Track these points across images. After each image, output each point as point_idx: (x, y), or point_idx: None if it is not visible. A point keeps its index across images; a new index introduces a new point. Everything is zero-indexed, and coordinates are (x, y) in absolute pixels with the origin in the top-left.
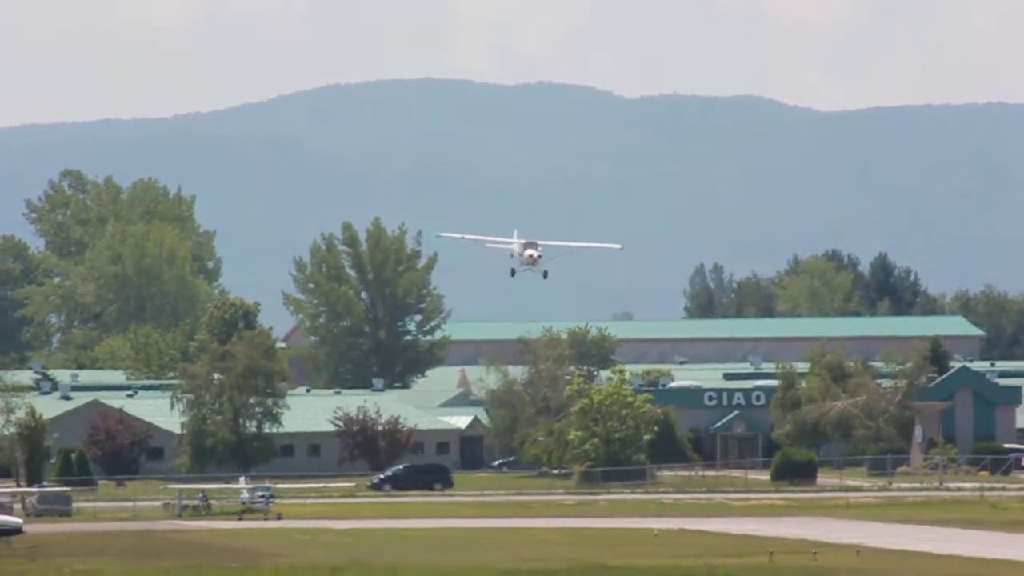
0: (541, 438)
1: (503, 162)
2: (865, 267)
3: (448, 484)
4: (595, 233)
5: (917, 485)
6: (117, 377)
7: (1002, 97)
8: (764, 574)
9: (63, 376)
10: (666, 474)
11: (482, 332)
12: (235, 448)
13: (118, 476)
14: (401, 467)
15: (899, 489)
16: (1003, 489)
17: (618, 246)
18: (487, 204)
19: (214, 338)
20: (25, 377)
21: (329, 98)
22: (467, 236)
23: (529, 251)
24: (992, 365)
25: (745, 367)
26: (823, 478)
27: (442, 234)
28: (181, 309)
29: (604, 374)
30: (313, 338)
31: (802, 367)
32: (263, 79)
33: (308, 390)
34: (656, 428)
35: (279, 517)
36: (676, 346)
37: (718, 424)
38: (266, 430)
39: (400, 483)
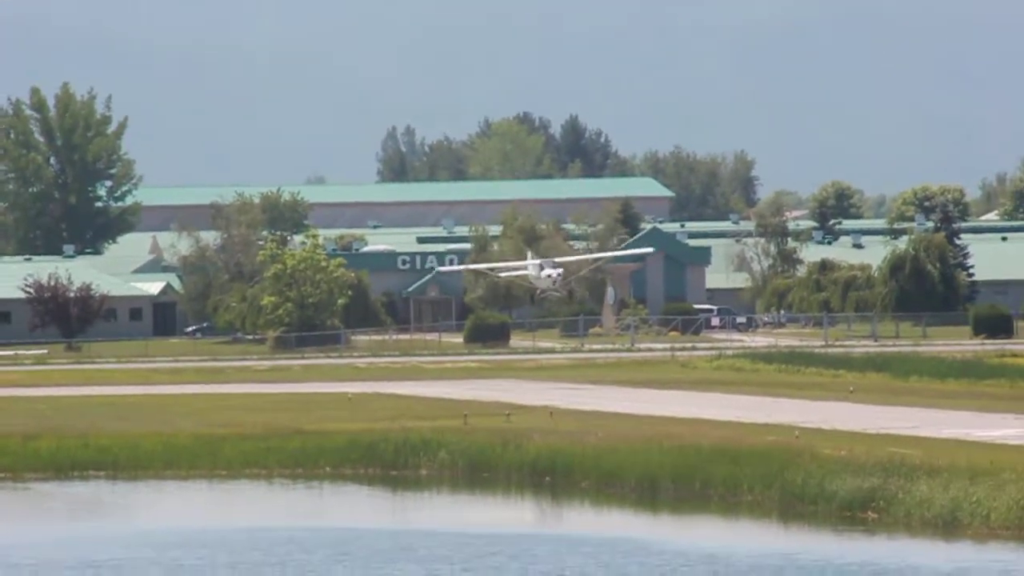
0: (234, 304)
1: (167, 25)
2: (556, 129)
3: None
4: (270, 102)
5: (609, 346)
6: None
7: None
8: (458, 436)
9: None
10: (360, 338)
11: (174, 197)
12: None
13: None
14: None
15: (591, 350)
16: (693, 348)
17: (650, 249)
18: (164, 71)
19: None
20: None
21: None
22: (471, 266)
23: (547, 271)
24: (682, 226)
25: (438, 231)
26: (516, 340)
27: (442, 269)
28: None
29: (297, 239)
30: (2, 204)
31: (495, 230)
32: None
33: None
34: (350, 292)
35: None
36: (369, 210)
37: (412, 288)
38: None
39: None
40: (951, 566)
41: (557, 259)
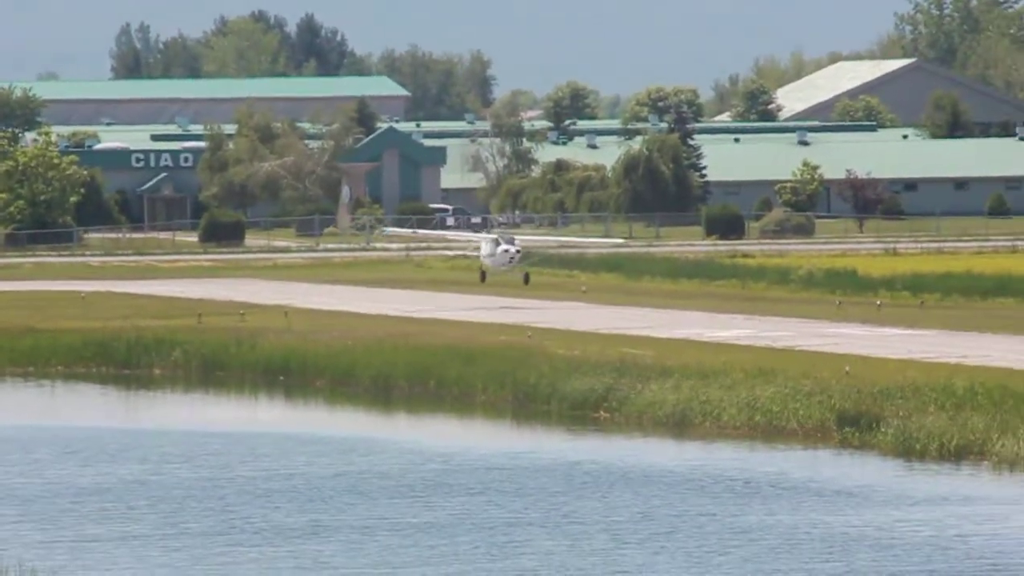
0: None
1: None
2: (292, 28)
3: None
4: None
5: (344, 246)
6: None
7: None
8: (192, 335)
9: None
10: (93, 237)
11: None
12: None
13: None
14: None
15: (327, 250)
16: (427, 248)
17: (620, 240)
18: None
19: None
20: None
21: None
22: (419, 231)
23: (503, 247)
24: (418, 126)
25: (173, 129)
26: (251, 239)
27: (388, 230)
28: None
29: (29, 136)
30: None
31: (230, 128)
32: None
33: None
34: (83, 190)
35: None
36: (103, 107)
37: (146, 186)
38: None
39: None
40: (683, 464)
41: (516, 236)
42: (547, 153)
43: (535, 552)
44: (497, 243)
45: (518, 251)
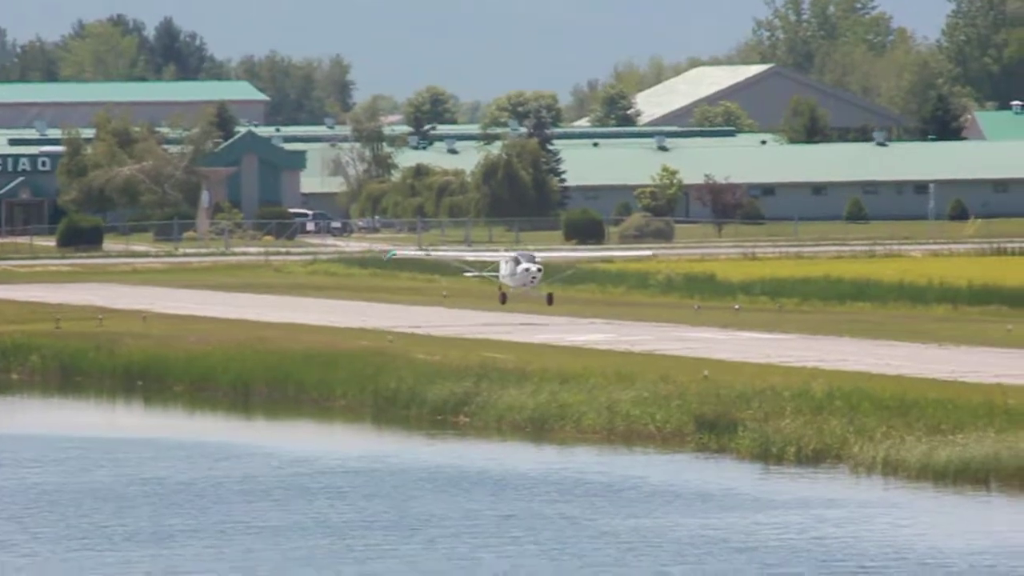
0: None
1: None
2: (150, 32)
3: None
4: None
5: (203, 250)
6: None
7: None
8: (50, 340)
9: None
10: None
11: None
12: None
13: None
14: None
15: (185, 254)
16: (287, 253)
17: (649, 252)
18: None
19: None
20: None
21: None
22: (432, 252)
23: (524, 265)
24: (277, 130)
25: (30, 133)
26: (110, 244)
27: (398, 253)
28: None
29: None
30: None
31: (88, 133)
32: None
33: None
34: None
35: None
36: None
37: (3, 190)
38: None
39: None
40: (542, 468)
41: (538, 255)
42: (407, 158)
43: (393, 556)
44: (517, 262)
45: (540, 269)
